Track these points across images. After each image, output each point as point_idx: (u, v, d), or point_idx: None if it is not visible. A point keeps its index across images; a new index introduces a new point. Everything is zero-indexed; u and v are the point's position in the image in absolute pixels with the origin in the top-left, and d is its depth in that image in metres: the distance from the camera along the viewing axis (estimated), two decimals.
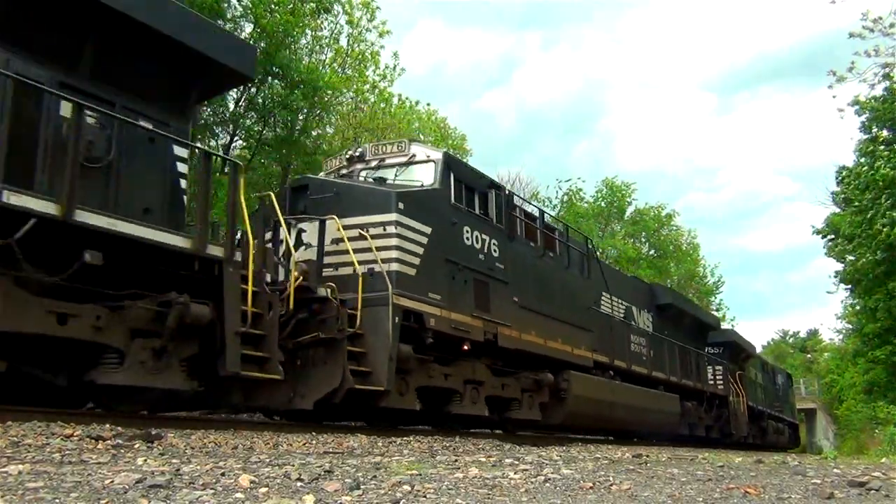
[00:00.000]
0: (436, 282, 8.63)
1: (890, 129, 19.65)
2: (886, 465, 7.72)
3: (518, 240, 10.76)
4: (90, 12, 5.95)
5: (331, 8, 19.37)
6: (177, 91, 6.94)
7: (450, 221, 9.13)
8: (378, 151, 9.87)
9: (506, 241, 10.26)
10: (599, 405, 12.26)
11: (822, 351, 60.59)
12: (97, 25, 6.07)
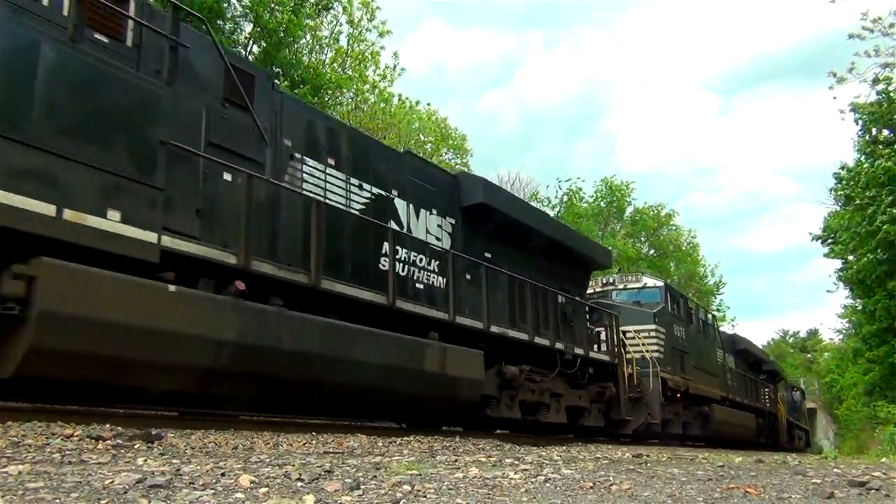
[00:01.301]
0: (670, 360, 15.79)
1: (890, 130, 19.64)
2: (886, 464, 7.72)
3: (689, 325, 17.86)
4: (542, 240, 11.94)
5: (331, 6, 19.38)
6: (582, 279, 14.02)
7: (671, 324, 16.43)
8: (623, 279, 17.46)
9: (688, 328, 17.60)
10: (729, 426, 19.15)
11: (822, 351, 60.64)
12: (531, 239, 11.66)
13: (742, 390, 21.47)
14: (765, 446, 22.75)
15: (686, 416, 16.39)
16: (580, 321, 12.60)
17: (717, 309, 41.70)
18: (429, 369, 8.41)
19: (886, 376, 23.15)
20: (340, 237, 7.85)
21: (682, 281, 39.72)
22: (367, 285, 7.90)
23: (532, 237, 11.62)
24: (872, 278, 20.27)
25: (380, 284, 8.09)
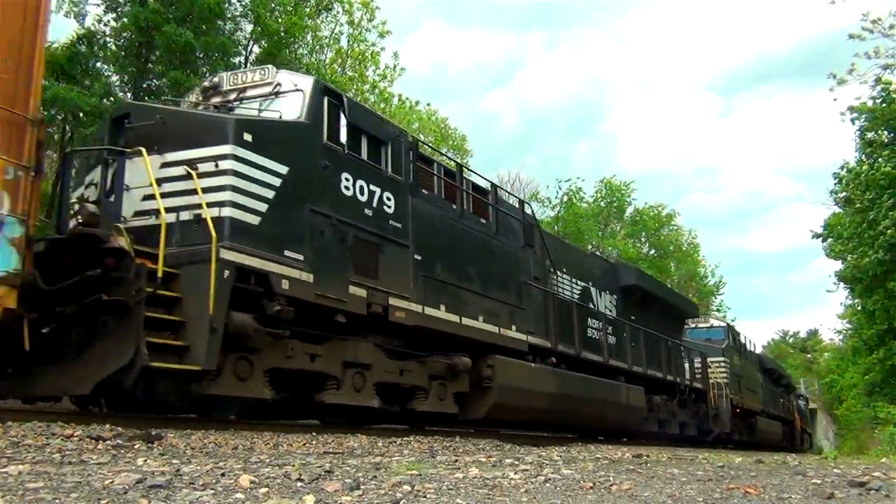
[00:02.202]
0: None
1: (889, 130, 19.62)
2: (886, 465, 7.72)
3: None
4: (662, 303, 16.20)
5: (331, 7, 19.38)
6: (681, 327, 17.79)
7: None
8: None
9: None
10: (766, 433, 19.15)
11: (822, 351, 60.64)
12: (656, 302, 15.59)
13: (771, 403, 25.55)
14: (786, 448, 25.97)
15: (740, 426, 20.62)
16: (683, 359, 17.28)
17: (718, 309, 41.72)
18: (622, 402, 13.19)
19: (887, 378, 23.12)
20: (580, 320, 12.44)
21: (682, 281, 39.75)
22: (592, 350, 12.65)
23: (657, 302, 16.38)
24: (871, 277, 20.25)
25: (596, 348, 12.84)
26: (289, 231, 6.86)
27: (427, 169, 9.46)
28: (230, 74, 8.20)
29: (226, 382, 6.29)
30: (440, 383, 9.01)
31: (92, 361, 5.73)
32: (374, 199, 8.00)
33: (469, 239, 9.69)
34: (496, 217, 10.56)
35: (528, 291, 10.88)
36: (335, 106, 7.75)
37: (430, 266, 8.67)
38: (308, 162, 7.22)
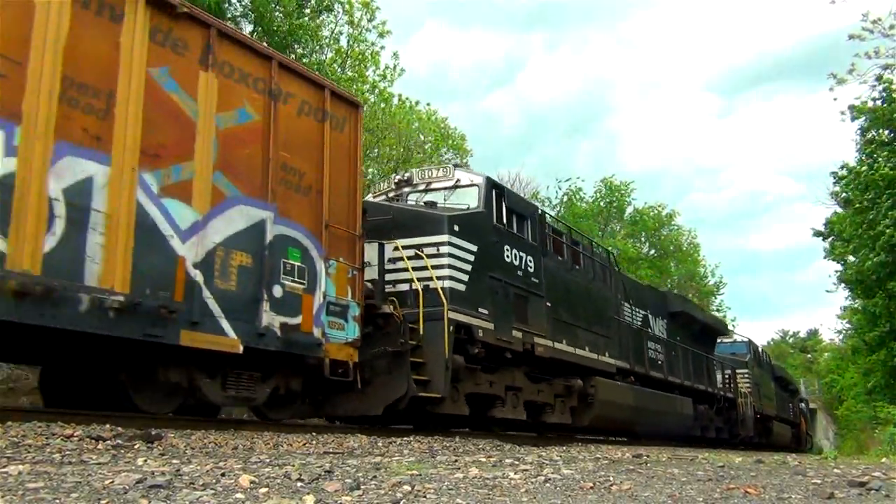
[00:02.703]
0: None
1: (889, 130, 19.62)
2: (886, 465, 7.72)
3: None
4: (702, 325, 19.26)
5: (332, 7, 19.37)
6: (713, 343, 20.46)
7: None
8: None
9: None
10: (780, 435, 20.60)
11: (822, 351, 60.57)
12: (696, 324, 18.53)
13: (783, 408, 27.96)
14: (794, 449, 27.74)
15: (759, 430, 23.04)
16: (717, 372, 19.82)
17: (718, 309, 41.69)
18: (677, 411, 15.96)
19: (888, 380, 23.08)
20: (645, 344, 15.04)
21: (683, 281, 39.72)
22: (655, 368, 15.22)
23: (697, 323, 19.08)
24: (872, 279, 20.22)
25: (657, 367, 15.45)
26: (479, 293, 9.29)
27: (547, 233, 11.87)
28: (419, 171, 10.85)
29: (447, 404, 8.66)
30: (561, 400, 11.51)
31: (378, 392, 8.21)
32: (523, 262, 10.54)
33: (576, 285, 12.35)
34: (591, 265, 13.34)
35: (612, 323, 13.47)
36: (499, 195, 10.25)
37: (556, 310, 11.23)
38: (486, 240, 9.69)
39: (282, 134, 7.27)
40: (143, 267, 5.80)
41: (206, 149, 6.52)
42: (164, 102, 6.23)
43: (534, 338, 10.28)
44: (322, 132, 7.84)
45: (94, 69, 5.68)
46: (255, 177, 6.96)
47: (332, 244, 7.74)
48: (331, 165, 7.86)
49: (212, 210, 6.47)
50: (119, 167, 5.75)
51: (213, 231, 6.46)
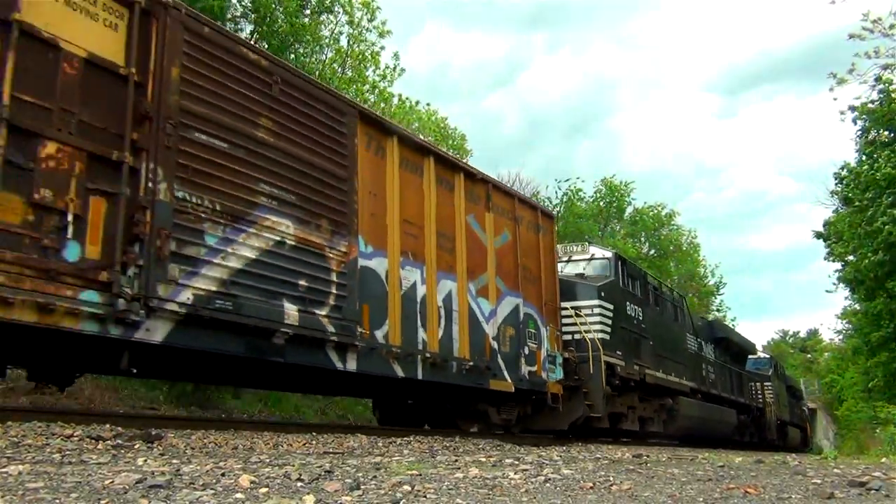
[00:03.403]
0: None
1: (889, 130, 19.60)
2: (887, 465, 7.71)
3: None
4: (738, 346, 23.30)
5: (332, 8, 19.35)
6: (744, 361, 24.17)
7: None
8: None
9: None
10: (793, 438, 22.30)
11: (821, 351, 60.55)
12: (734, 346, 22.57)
13: (793, 413, 31.17)
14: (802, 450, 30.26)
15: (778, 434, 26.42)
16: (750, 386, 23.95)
17: (718, 309, 41.70)
18: (725, 420, 19.45)
19: (889, 381, 23.03)
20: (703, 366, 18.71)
21: (683, 281, 39.70)
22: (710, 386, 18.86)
23: (735, 346, 22.94)
24: (872, 278, 20.19)
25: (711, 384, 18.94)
26: (616, 340, 12.81)
27: (648, 288, 15.53)
28: (562, 247, 14.02)
29: (602, 421, 12.00)
30: (657, 414, 14.70)
31: (564, 413, 11.38)
32: (637, 313, 14.30)
33: (664, 326, 16.10)
34: (672, 308, 17.24)
35: (685, 352, 17.18)
36: (623, 264, 14.15)
37: (655, 347, 14.83)
38: (618, 300, 13.39)
39: (522, 245, 10.86)
40: (473, 342, 9.29)
41: (491, 263, 10.04)
42: (473, 237, 9.74)
43: (645, 369, 13.88)
44: (538, 239, 11.41)
45: (446, 223, 9.24)
46: (512, 276, 10.47)
47: (547, 314, 11.28)
48: (543, 260, 11.40)
49: (497, 302, 10.01)
50: (461, 282, 9.31)
51: (498, 315, 9.98)
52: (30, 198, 4.88)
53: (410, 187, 8.67)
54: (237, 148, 6.45)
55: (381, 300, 7.85)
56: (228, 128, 6.40)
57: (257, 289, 6.39)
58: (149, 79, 5.79)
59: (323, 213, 7.23)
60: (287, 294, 6.68)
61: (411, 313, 8.29)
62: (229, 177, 6.33)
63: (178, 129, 5.94)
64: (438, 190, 9.11)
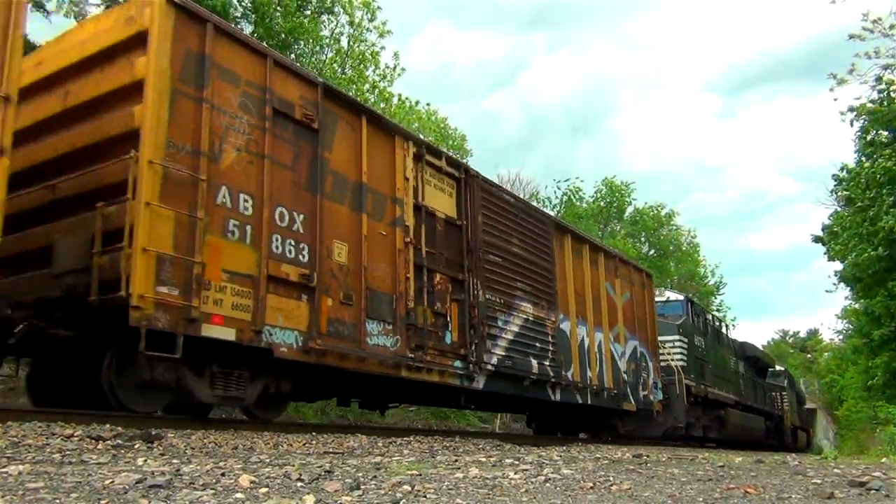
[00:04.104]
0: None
1: (889, 130, 19.60)
2: (887, 465, 7.71)
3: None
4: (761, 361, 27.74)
5: (332, 8, 19.35)
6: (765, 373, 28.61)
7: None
8: None
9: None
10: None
11: (821, 351, 60.54)
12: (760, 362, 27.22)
13: (801, 418, 34.15)
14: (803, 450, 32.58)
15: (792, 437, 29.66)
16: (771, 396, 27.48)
17: (718, 309, 41.69)
18: (755, 426, 22.83)
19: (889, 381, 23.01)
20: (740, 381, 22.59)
21: (682, 281, 39.70)
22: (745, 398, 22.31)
23: (761, 362, 27.20)
24: (870, 274, 20.16)
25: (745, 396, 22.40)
26: (689, 366, 16.69)
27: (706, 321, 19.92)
28: None
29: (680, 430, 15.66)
30: (713, 423, 18.31)
31: (659, 423, 14.87)
32: (700, 343, 18.40)
33: (715, 350, 19.92)
34: (719, 334, 21.46)
35: (728, 371, 21.09)
36: (692, 305, 18.72)
37: (712, 368, 18.86)
38: (689, 334, 17.56)
39: (636, 300, 14.37)
40: (614, 376, 12.91)
41: (620, 316, 13.57)
42: (609, 298, 13.24)
43: (707, 388, 17.62)
44: (644, 294, 14.93)
45: (595, 291, 12.77)
46: (631, 324, 14.01)
47: (651, 350, 14.86)
48: (647, 309, 15.00)
49: (624, 345, 13.60)
50: (605, 332, 12.86)
51: (626, 354, 13.60)
52: (433, 308, 8.59)
53: (577, 268, 12.26)
54: (506, 260, 10.22)
55: (568, 351, 11.46)
56: (501, 248, 10.19)
57: (519, 351, 10.07)
58: (468, 224, 9.50)
59: (542, 295, 10.93)
60: (531, 353, 10.39)
61: (582, 358, 11.89)
62: (504, 280, 10.06)
63: (483, 254, 9.65)
64: (590, 267, 12.69)
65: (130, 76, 6.04)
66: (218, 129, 6.32)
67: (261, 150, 6.71)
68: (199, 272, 5.88)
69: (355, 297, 7.49)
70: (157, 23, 5.99)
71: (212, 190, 6.16)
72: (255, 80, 6.78)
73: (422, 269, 8.50)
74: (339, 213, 7.50)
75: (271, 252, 6.61)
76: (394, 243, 8.19)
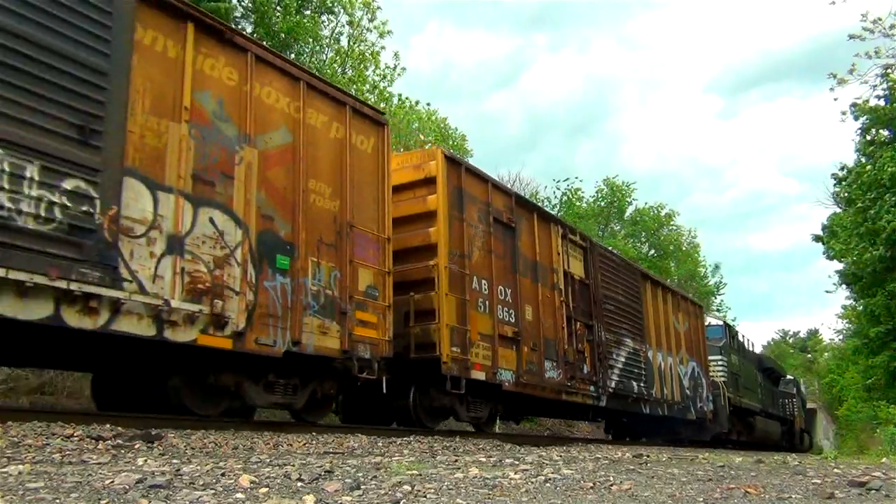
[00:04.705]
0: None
1: (889, 130, 19.59)
2: (887, 465, 7.71)
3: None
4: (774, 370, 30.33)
5: (332, 9, 19.34)
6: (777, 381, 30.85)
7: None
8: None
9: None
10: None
11: (821, 351, 60.55)
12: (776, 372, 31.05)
13: (808, 422, 38.38)
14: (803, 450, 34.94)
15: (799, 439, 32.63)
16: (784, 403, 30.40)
17: (718, 309, 41.69)
18: (774, 430, 26.97)
19: (889, 381, 22.99)
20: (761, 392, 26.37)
21: (683, 281, 39.70)
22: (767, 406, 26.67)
23: (776, 373, 30.07)
24: (871, 273, 20.15)
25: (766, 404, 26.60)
26: (729, 381, 20.18)
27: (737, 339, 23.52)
28: None
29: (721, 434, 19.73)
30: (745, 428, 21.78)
31: (713, 427, 18.43)
32: (735, 360, 21.91)
33: (745, 365, 23.41)
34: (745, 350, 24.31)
35: (754, 382, 24.60)
36: (728, 328, 22.19)
37: (744, 381, 22.20)
38: (728, 354, 21.02)
39: (692, 328, 17.72)
40: (682, 392, 16.17)
41: (682, 343, 16.81)
42: (675, 329, 16.47)
43: (741, 399, 21.20)
44: (698, 323, 18.34)
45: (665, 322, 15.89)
46: (690, 348, 17.15)
47: (704, 368, 17.94)
48: (700, 335, 18.24)
49: (686, 365, 16.79)
50: (674, 357, 16.15)
51: (687, 373, 16.72)
52: (576, 347, 11.53)
53: (655, 306, 15.48)
54: (616, 307, 13.39)
55: (652, 374, 14.55)
56: (613, 298, 13.35)
57: (626, 376, 13.20)
58: (593, 282, 12.60)
59: (636, 331, 14.04)
60: (632, 377, 13.51)
61: (661, 379, 14.99)
62: (616, 322, 13.23)
63: (602, 304, 12.76)
64: (663, 305, 15.94)
65: (425, 207, 9.05)
66: (470, 237, 9.41)
67: (488, 247, 9.78)
68: (468, 336, 9.00)
69: (537, 344, 10.55)
70: (441, 172, 9.09)
71: (469, 279, 9.25)
72: (483, 199, 9.92)
73: (570, 319, 11.54)
74: (526, 285, 10.57)
75: (498, 318, 9.66)
76: (554, 302, 11.27)
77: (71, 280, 4.98)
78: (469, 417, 9.52)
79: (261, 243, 6.59)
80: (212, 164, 6.20)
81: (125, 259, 5.43)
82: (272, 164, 6.85)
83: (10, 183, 4.77)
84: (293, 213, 6.97)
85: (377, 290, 7.93)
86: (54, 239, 4.96)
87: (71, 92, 5.20)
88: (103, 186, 5.31)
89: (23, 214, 4.81)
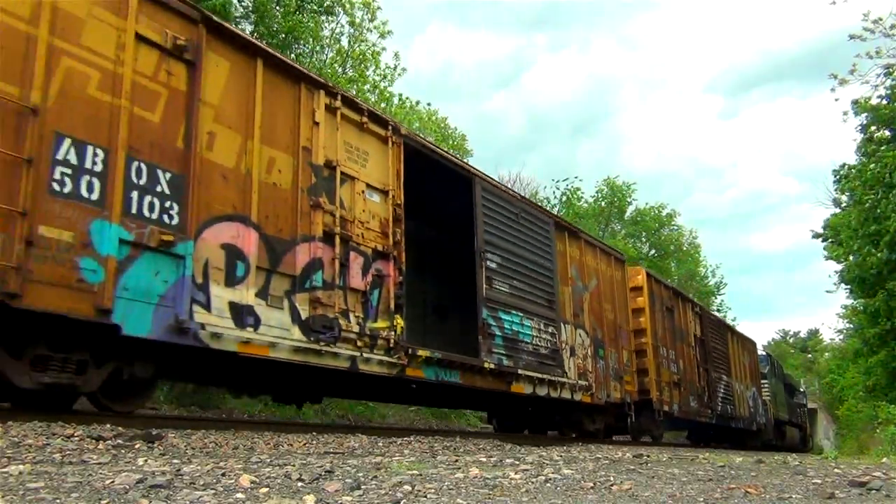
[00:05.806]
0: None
1: (890, 129, 19.59)
2: (887, 465, 7.71)
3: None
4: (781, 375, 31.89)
5: (332, 9, 19.34)
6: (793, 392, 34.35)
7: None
8: None
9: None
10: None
11: (822, 351, 60.55)
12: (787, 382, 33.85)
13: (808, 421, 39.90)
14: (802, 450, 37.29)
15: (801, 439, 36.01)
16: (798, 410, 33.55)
17: (718, 309, 41.69)
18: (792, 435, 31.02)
19: (890, 381, 22.98)
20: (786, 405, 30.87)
21: (683, 281, 39.71)
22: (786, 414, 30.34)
23: (791, 386, 33.89)
24: (873, 274, 20.13)
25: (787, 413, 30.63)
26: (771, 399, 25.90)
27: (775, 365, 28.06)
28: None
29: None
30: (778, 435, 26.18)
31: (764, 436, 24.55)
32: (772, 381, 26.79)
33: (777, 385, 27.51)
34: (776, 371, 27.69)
35: (783, 396, 28.46)
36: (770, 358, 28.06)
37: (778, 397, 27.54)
38: (770, 378, 26.35)
39: (751, 361, 24.06)
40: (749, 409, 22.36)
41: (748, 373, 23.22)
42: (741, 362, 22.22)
43: (777, 412, 25.76)
44: (753, 357, 24.44)
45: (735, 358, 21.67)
46: (751, 377, 22.85)
47: (758, 390, 22.40)
48: (756, 364, 24.02)
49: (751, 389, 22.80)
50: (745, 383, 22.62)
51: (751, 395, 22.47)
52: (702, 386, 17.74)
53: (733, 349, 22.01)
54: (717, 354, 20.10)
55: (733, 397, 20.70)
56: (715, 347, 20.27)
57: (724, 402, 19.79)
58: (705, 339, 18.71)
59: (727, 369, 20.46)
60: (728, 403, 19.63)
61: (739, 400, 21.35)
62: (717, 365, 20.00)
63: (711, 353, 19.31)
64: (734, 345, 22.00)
65: (636, 305, 14.73)
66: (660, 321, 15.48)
67: (664, 325, 15.95)
68: (661, 383, 14.91)
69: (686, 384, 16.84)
70: (644, 283, 14.95)
71: (659, 349, 15.07)
72: (660, 296, 15.92)
73: (698, 365, 17.81)
74: (679, 347, 17.08)
75: (671, 370, 16.00)
76: (691, 355, 17.48)
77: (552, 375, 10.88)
78: (659, 434, 15.47)
79: (593, 343, 12.42)
80: (577, 306, 12.02)
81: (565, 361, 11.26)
82: (592, 300, 12.64)
83: (537, 332, 10.59)
84: (603, 326, 12.94)
85: (629, 364, 13.92)
86: (549, 356, 10.79)
87: (546, 283, 11.03)
88: (557, 328, 11.07)
89: (539, 345, 10.61)
